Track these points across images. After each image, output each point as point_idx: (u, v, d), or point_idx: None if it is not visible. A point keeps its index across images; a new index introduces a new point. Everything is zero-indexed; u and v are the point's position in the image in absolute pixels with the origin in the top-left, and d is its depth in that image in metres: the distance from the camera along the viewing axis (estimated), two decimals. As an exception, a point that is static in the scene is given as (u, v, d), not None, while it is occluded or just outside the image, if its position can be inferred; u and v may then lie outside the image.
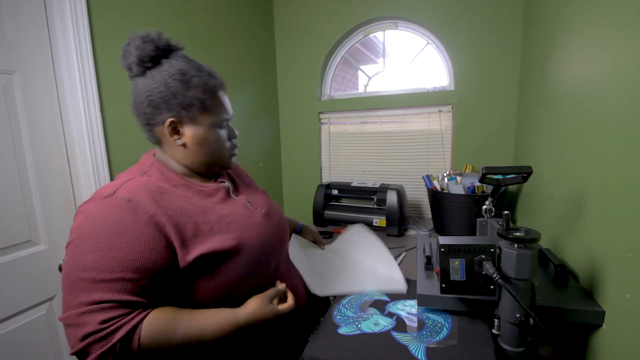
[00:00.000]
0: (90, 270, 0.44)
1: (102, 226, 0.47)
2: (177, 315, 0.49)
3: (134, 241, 0.46)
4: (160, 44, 0.56)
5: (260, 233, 0.60)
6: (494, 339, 0.59)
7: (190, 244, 0.51)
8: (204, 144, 0.58)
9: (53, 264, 0.89)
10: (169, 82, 0.54)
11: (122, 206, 0.48)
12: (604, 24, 0.63)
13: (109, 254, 0.45)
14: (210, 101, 0.57)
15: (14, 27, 0.79)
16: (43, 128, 0.86)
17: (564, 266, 0.67)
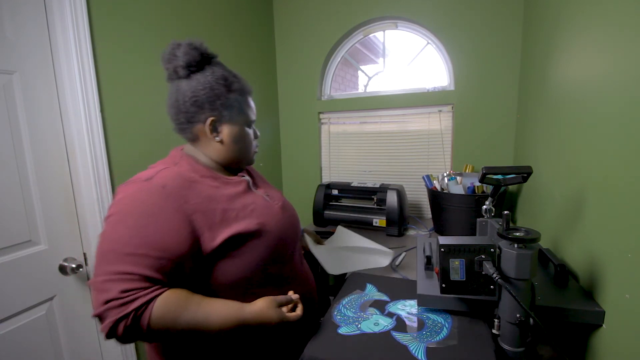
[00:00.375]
0: (121, 243, 0.50)
1: (138, 207, 0.52)
2: (188, 298, 0.53)
3: (163, 224, 0.52)
4: (204, 52, 0.62)
5: (278, 221, 0.65)
6: (494, 339, 0.59)
7: (217, 228, 0.56)
8: (238, 141, 0.65)
9: (53, 264, 0.89)
10: (214, 85, 0.61)
11: (157, 191, 0.53)
12: (604, 24, 0.63)
13: (139, 232, 0.50)
14: (244, 104, 0.65)
15: (14, 27, 0.79)
16: (43, 128, 0.86)
17: (564, 266, 0.67)
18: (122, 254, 0.49)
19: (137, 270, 0.49)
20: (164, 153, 1.14)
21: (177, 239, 0.52)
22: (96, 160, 0.92)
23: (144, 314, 0.48)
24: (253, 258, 0.60)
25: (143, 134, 1.08)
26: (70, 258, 0.92)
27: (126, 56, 1.02)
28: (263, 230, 0.61)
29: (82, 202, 0.93)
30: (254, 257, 0.60)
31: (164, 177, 0.56)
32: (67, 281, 0.92)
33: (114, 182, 0.98)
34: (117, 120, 0.99)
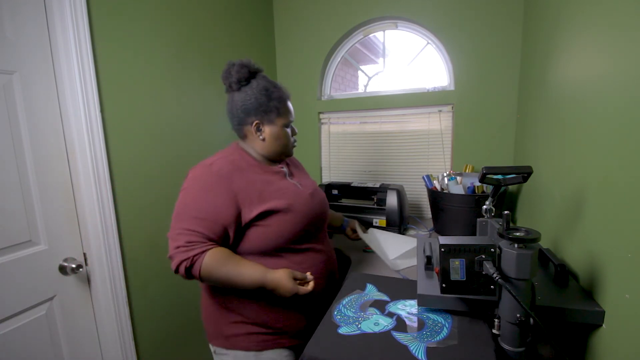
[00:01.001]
0: (188, 208, 0.72)
1: (201, 184, 0.73)
2: (230, 256, 0.72)
3: (216, 198, 0.72)
4: (251, 69, 0.80)
5: (305, 204, 0.82)
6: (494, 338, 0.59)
7: (254, 205, 0.74)
8: (277, 139, 0.82)
9: (53, 264, 0.89)
10: (258, 96, 0.79)
11: (214, 174, 0.74)
12: (604, 24, 0.63)
13: (201, 202, 0.71)
14: (282, 109, 0.81)
15: (14, 27, 0.79)
16: (43, 128, 0.86)
17: (564, 266, 0.67)
18: (189, 216, 0.70)
19: (198, 229, 0.69)
20: (164, 152, 1.15)
21: (226, 209, 0.72)
22: (96, 160, 0.92)
23: (199, 259, 0.68)
24: (279, 229, 0.76)
25: (143, 134, 1.08)
26: (70, 258, 0.92)
27: (126, 56, 1.02)
28: (290, 209, 0.77)
29: (82, 202, 0.93)
30: (280, 229, 0.76)
31: (219, 164, 0.76)
32: (67, 281, 0.92)
33: (114, 182, 0.98)
34: (117, 120, 0.99)
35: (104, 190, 0.95)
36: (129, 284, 1.03)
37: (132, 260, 1.04)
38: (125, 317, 1.01)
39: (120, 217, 1.00)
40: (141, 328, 1.07)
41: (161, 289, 1.14)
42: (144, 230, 1.08)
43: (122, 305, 1.00)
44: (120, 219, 1.00)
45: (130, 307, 1.03)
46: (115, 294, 0.98)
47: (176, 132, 1.20)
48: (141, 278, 1.07)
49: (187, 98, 1.25)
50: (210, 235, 0.70)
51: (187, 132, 1.26)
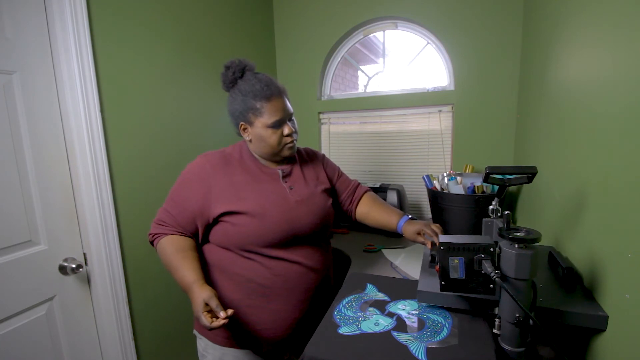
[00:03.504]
0: (173, 191, 0.78)
1: (187, 172, 0.78)
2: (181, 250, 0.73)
3: (190, 191, 0.76)
4: (235, 69, 0.77)
5: (284, 211, 0.77)
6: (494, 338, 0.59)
7: (225, 202, 0.74)
8: (261, 140, 0.78)
9: (53, 264, 0.89)
10: (238, 99, 0.77)
11: (200, 166, 0.78)
12: (604, 24, 0.63)
13: (180, 189, 0.77)
14: (262, 108, 0.75)
15: (14, 27, 0.79)
16: (43, 128, 0.86)
17: (572, 269, 0.65)
18: (171, 197, 0.78)
19: (171, 211, 0.76)
20: (164, 152, 1.15)
21: (194, 202, 0.75)
22: (96, 160, 0.92)
23: (157, 239, 0.76)
24: (244, 232, 0.74)
25: (143, 134, 1.08)
26: (70, 258, 0.92)
27: (126, 56, 1.02)
28: (260, 214, 0.74)
29: (82, 202, 0.93)
30: (244, 231, 0.74)
31: (209, 157, 0.78)
32: (67, 281, 0.92)
33: (114, 182, 0.98)
34: (117, 120, 0.99)
35: (104, 190, 0.95)
36: (129, 283, 1.03)
37: (132, 260, 1.04)
38: (125, 317, 1.01)
39: (120, 217, 1.00)
40: (141, 328, 1.07)
41: (161, 289, 1.14)
42: (144, 230, 1.07)
43: (122, 305, 1.00)
44: (120, 219, 1.00)
45: (130, 307, 1.03)
46: (115, 293, 0.98)
47: (176, 132, 1.21)
48: (141, 278, 1.07)
49: (187, 98, 1.25)
50: (179, 221, 0.75)
51: (187, 132, 1.26)
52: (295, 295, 0.79)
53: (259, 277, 0.77)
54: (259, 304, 0.77)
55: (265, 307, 0.77)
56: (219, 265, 0.79)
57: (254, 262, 0.76)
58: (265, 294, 0.77)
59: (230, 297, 0.77)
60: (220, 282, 0.78)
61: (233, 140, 0.88)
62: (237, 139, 0.86)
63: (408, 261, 1.10)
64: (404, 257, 1.14)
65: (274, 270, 0.77)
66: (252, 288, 0.77)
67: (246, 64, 0.79)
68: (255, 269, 0.76)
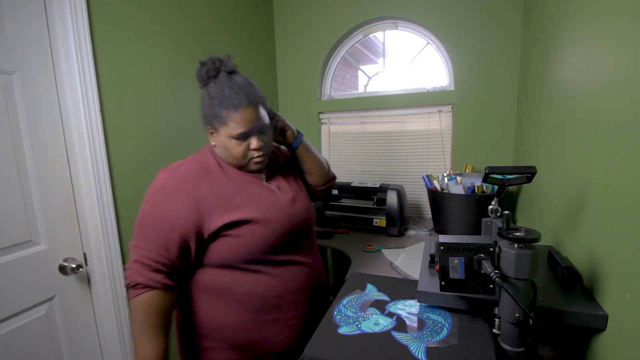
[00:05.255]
0: (146, 217, 0.65)
1: (162, 190, 0.66)
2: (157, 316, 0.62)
3: (176, 205, 0.64)
4: (210, 68, 0.70)
5: (282, 212, 0.73)
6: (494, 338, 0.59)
7: (220, 214, 0.67)
8: (225, 149, 0.71)
9: (53, 264, 0.89)
10: (206, 100, 0.71)
11: (177, 179, 0.67)
12: (604, 23, 0.63)
13: (158, 210, 0.64)
14: (227, 117, 0.68)
15: (13, 27, 0.79)
16: (43, 128, 0.86)
17: (571, 269, 0.66)
18: (148, 227, 0.64)
19: (157, 242, 0.62)
20: (164, 153, 1.15)
21: (185, 220, 0.64)
22: (96, 160, 0.92)
23: (137, 291, 0.61)
24: (250, 241, 0.68)
25: (143, 134, 1.08)
26: (70, 258, 0.92)
27: (126, 56, 1.02)
28: (262, 219, 0.69)
29: (82, 202, 0.93)
30: (250, 241, 0.68)
31: (185, 168, 0.70)
32: (67, 281, 0.92)
33: (114, 182, 0.98)
34: (117, 120, 0.99)
35: (104, 190, 0.95)
36: (129, 284, 1.03)
37: (132, 260, 1.04)
38: (125, 317, 1.01)
39: (120, 217, 1.00)
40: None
41: (161, 289, 1.14)
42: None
43: (122, 305, 1.00)
44: (120, 219, 1.00)
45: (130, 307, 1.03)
46: (115, 293, 0.98)
47: (176, 131, 1.20)
48: (141, 278, 1.07)
49: (187, 98, 1.25)
50: (168, 254, 0.63)
51: (187, 132, 1.25)
52: (305, 297, 0.77)
53: (269, 290, 0.71)
54: (272, 316, 0.72)
55: (280, 318, 0.73)
56: (221, 290, 0.70)
57: (260, 274, 0.70)
58: (279, 304, 0.72)
59: (237, 320, 0.70)
60: (223, 307, 0.70)
61: None
62: None
63: (408, 261, 1.10)
64: (404, 257, 1.14)
65: (283, 277, 0.72)
66: (263, 303, 0.71)
67: (222, 63, 0.71)
68: (264, 282, 0.71)
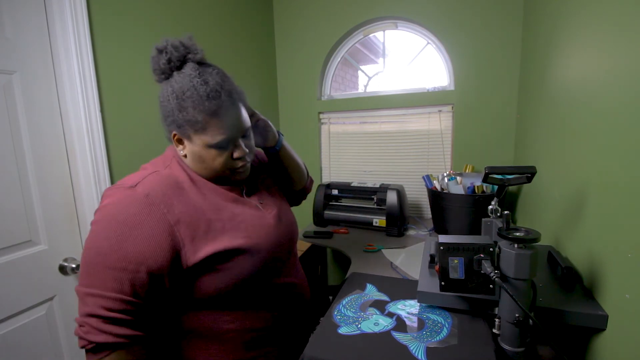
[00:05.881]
0: (101, 256, 0.48)
1: (120, 216, 0.49)
2: None
3: (143, 236, 0.49)
4: (172, 56, 0.54)
5: (270, 233, 0.62)
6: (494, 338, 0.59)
7: (200, 241, 0.53)
8: (199, 161, 0.57)
9: (53, 264, 0.89)
10: (169, 99, 0.54)
11: (139, 201, 0.51)
12: (604, 23, 0.63)
13: (119, 244, 0.48)
14: (206, 124, 0.53)
15: (13, 28, 0.79)
16: (43, 128, 0.86)
17: (571, 269, 0.66)
18: (103, 266, 0.48)
19: (116, 287, 0.47)
20: (164, 153, 1.14)
21: (157, 252, 0.49)
22: (96, 160, 0.92)
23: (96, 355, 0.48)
24: (237, 274, 0.56)
25: (143, 134, 1.08)
26: (70, 258, 0.92)
27: (126, 55, 1.02)
28: (251, 245, 0.57)
29: (82, 202, 0.93)
30: (237, 273, 0.56)
31: (148, 185, 0.53)
32: (67, 281, 0.92)
33: (114, 181, 0.98)
34: (117, 120, 0.99)
35: (104, 190, 0.95)
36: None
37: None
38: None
39: (120, 217, 1.00)
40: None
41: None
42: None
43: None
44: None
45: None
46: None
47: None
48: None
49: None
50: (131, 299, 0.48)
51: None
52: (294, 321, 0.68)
53: (257, 322, 0.61)
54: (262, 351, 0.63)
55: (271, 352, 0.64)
56: (202, 333, 0.58)
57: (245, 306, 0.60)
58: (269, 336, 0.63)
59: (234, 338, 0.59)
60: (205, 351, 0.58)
61: None
62: None
63: (408, 261, 1.10)
64: (404, 257, 1.14)
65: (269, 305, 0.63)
66: (250, 338, 0.60)
67: (190, 50, 0.55)
68: (250, 315, 0.60)
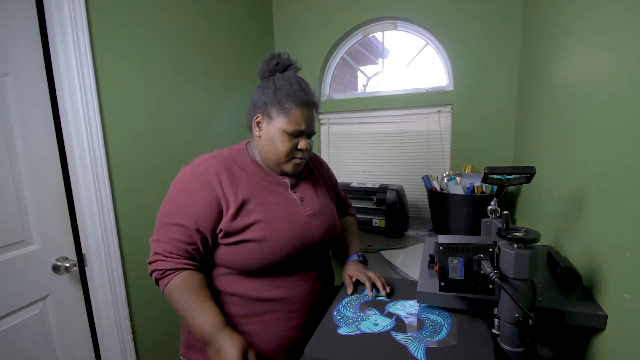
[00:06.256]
0: (168, 215, 0.66)
1: (183, 187, 0.67)
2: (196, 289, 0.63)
3: (197, 202, 0.65)
4: (280, 61, 0.71)
5: (296, 226, 0.70)
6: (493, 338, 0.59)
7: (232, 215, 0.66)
8: (270, 141, 0.70)
9: (46, 264, 0.88)
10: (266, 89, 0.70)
11: (198, 176, 0.67)
12: (604, 23, 0.63)
13: (181, 206, 0.65)
14: (287, 109, 0.68)
15: (5, 30, 0.78)
16: (36, 129, 0.85)
17: (570, 269, 0.65)
18: (169, 222, 0.65)
19: (180, 237, 0.64)
20: (163, 153, 1.14)
21: (208, 214, 0.65)
22: (95, 161, 0.92)
23: (168, 277, 0.63)
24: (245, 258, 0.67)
25: (142, 135, 1.07)
26: (63, 257, 0.92)
27: (125, 56, 1.01)
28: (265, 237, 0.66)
29: (81, 203, 0.92)
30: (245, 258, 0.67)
31: (207, 166, 0.68)
32: (60, 280, 0.92)
33: (113, 182, 0.98)
34: (116, 121, 0.99)
35: (103, 191, 0.94)
36: (128, 284, 1.02)
37: (132, 260, 1.03)
38: (125, 318, 1.00)
39: (119, 218, 1.00)
40: (141, 329, 1.07)
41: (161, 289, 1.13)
42: (144, 230, 1.07)
43: (122, 306, 1.00)
44: (120, 220, 1.00)
45: (129, 308, 1.02)
46: (114, 294, 0.98)
47: (175, 132, 1.20)
48: (140, 278, 1.06)
49: (187, 98, 1.25)
50: (189, 248, 0.64)
51: (186, 133, 1.25)
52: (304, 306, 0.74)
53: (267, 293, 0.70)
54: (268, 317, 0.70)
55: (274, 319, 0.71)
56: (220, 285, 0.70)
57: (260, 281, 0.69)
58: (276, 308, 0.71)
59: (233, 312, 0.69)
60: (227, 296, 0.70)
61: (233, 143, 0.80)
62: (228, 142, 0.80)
63: (407, 262, 1.10)
64: (404, 257, 1.14)
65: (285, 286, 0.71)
66: (258, 305, 0.70)
67: (293, 62, 0.73)
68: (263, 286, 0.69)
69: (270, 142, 0.69)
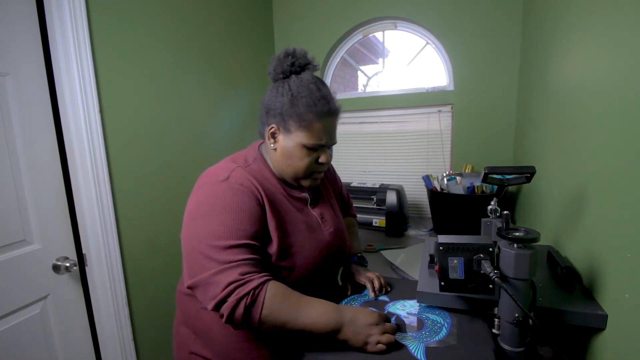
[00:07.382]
0: (222, 238, 0.54)
1: (226, 204, 0.57)
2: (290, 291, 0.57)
3: (251, 216, 0.58)
4: (296, 61, 0.63)
5: (322, 249, 0.67)
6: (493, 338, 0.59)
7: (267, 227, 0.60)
8: (288, 156, 0.63)
9: (47, 263, 0.88)
10: (283, 94, 0.62)
11: (237, 189, 0.58)
12: (604, 23, 0.63)
13: (238, 225, 0.56)
14: (308, 123, 0.61)
15: (6, 29, 0.78)
16: (36, 129, 0.85)
17: (570, 269, 0.65)
18: (226, 247, 0.54)
19: (248, 256, 0.55)
20: (164, 153, 1.14)
21: (258, 222, 0.59)
22: (95, 161, 0.92)
23: (261, 293, 0.53)
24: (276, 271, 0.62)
25: (142, 135, 1.08)
26: (64, 257, 0.92)
27: (126, 56, 1.01)
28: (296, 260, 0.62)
29: (81, 203, 0.92)
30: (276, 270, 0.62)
31: (238, 177, 0.60)
32: (60, 280, 0.92)
33: (113, 182, 0.98)
34: (117, 121, 0.99)
35: (103, 191, 0.94)
36: (129, 284, 1.02)
37: (132, 260, 1.04)
38: (125, 318, 1.00)
39: (119, 218, 1.00)
40: (141, 329, 1.07)
41: (161, 289, 1.13)
42: (144, 230, 1.07)
43: (122, 306, 1.00)
44: (120, 220, 1.00)
45: (130, 308, 1.02)
46: (114, 294, 0.98)
47: (175, 132, 1.20)
48: (141, 278, 1.06)
49: (187, 98, 1.25)
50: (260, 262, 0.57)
51: (186, 133, 1.25)
52: None
53: None
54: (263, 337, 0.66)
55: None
56: None
57: None
58: None
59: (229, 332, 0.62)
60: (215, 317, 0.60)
61: (233, 144, 0.76)
62: (237, 146, 0.77)
63: (407, 261, 1.10)
64: (404, 257, 1.14)
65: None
66: None
67: (310, 60, 0.65)
68: None
69: (288, 157, 0.63)
